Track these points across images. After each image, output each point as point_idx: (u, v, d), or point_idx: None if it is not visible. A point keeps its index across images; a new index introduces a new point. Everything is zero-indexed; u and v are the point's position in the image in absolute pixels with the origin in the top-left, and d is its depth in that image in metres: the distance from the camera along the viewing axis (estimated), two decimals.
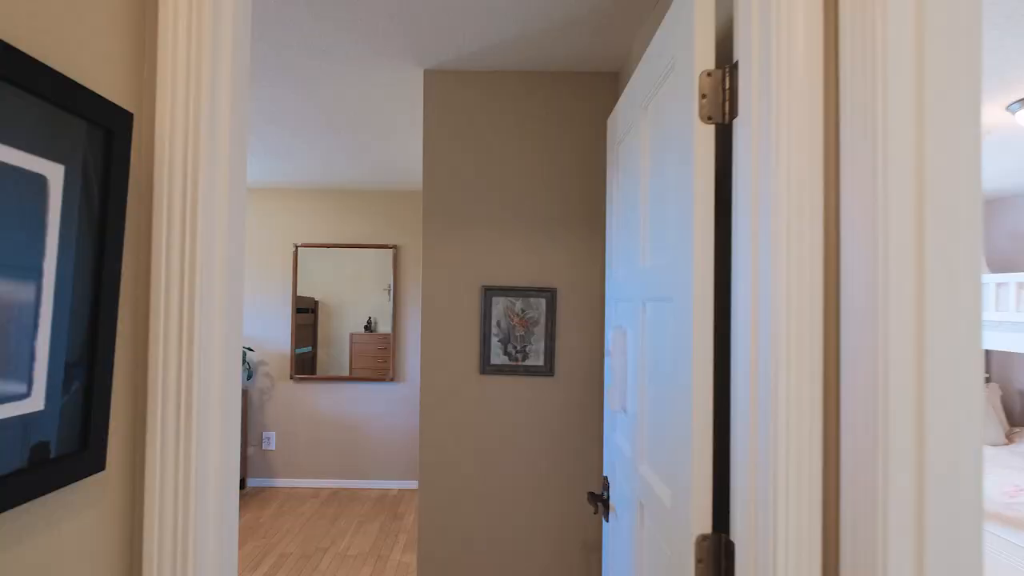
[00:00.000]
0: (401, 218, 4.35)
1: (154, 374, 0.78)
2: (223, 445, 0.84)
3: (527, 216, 2.10)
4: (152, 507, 0.77)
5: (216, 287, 0.82)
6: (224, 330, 0.84)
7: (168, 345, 0.78)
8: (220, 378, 0.83)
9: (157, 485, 0.78)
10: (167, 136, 0.79)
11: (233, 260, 0.86)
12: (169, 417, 0.78)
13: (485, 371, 2.09)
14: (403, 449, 4.32)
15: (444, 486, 2.09)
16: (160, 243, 0.78)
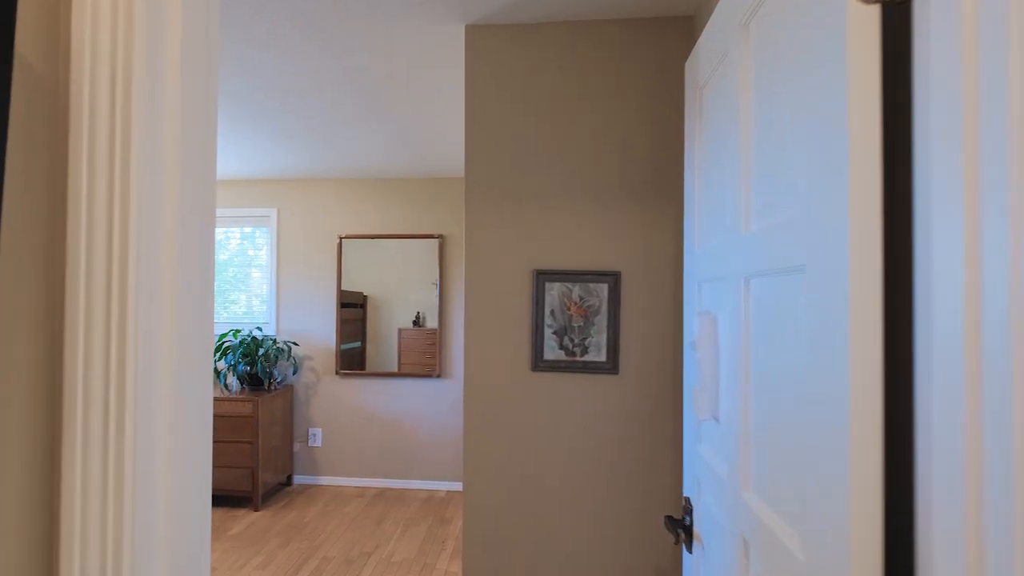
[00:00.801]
0: (446, 206, 4.14)
1: (71, 376, 0.55)
2: (177, 467, 0.60)
3: (584, 188, 1.81)
4: (70, 550, 0.55)
5: (163, 259, 0.59)
6: (179, 317, 0.60)
7: (91, 337, 0.55)
8: (169, 381, 0.59)
9: (76, 529, 0.55)
10: (87, 38, 0.56)
11: (192, 220, 0.63)
12: (93, 434, 0.55)
13: (537, 367, 1.82)
14: (451, 449, 4.12)
15: (491, 495, 1.84)
16: (78, 195, 0.55)
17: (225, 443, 3.71)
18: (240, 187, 4.30)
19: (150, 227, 0.57)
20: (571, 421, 1.81)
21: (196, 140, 0.64)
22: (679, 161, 1.78)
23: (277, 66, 2.18)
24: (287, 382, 4.24)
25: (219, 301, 4.30)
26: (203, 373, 0.65)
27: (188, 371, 0.62)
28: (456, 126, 2.96)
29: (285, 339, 4.25)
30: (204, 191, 0.65)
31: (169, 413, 0.59)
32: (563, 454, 1.81)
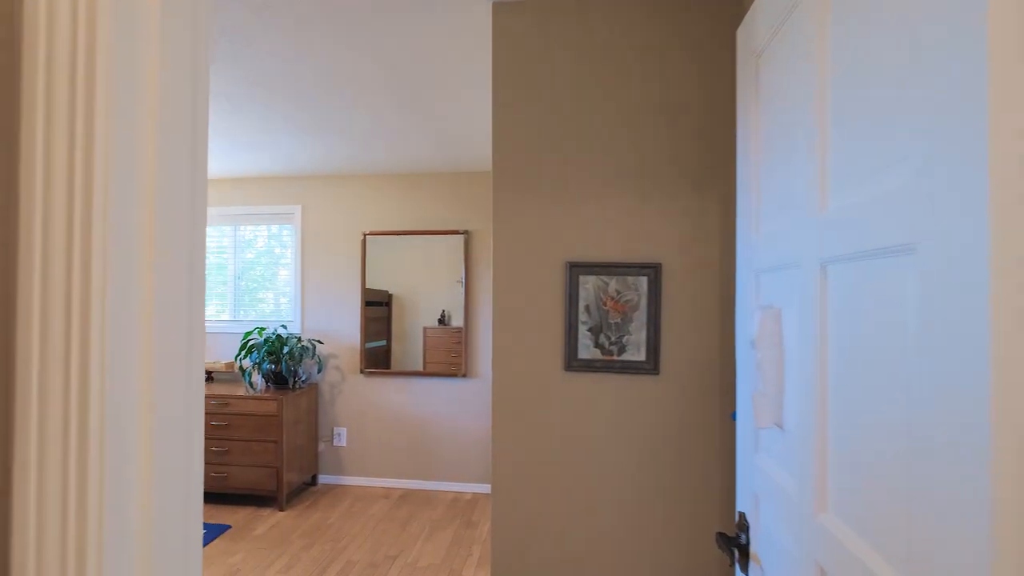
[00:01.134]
0: (471, 202, 4.03)
1: (25, 387, 0.45)
2: (157, 478, 0.50)
3: (621, 174, 1.68)
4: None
5: (135, 250, 0.48)
6: (158, 312, 0.50)
7: (47, 339, 0.45)
8: (142, 394, 0.49)
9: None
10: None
11: (175, 204, 0.52)
12: (50, 459, 0.45)
13: (571, 367, 1.69)
14: (477, 450, 4.02)
15: (521, 503, 1.72)
16: (32, 161, 0.45)
17: (250, 442, 3.68)
18: (264, 184, 4.27)
19: (119, 213, 0.47)
20: (608, 425, 1.68)
21: (179, 115, 0.53)
22: (728, 141, 1.63)
23: (299, 56, 2.10)
24: (312, 380, 4.20)
25: (247, 300, 4.28)
26: (190, 374, 0.55)
27: (170, 371, 0.52)
28: (482, 117, 2.85)
29: (310, 337, 4.20)
30: (190, 170, 0.55)
31: (145, 418, 0.49)
32: (599, 460, 1.69)
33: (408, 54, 2.12)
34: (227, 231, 4.35)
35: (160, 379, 0.50)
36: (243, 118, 2.86)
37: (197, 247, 0.56)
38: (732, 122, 1.63)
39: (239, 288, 4.32)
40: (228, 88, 2.44)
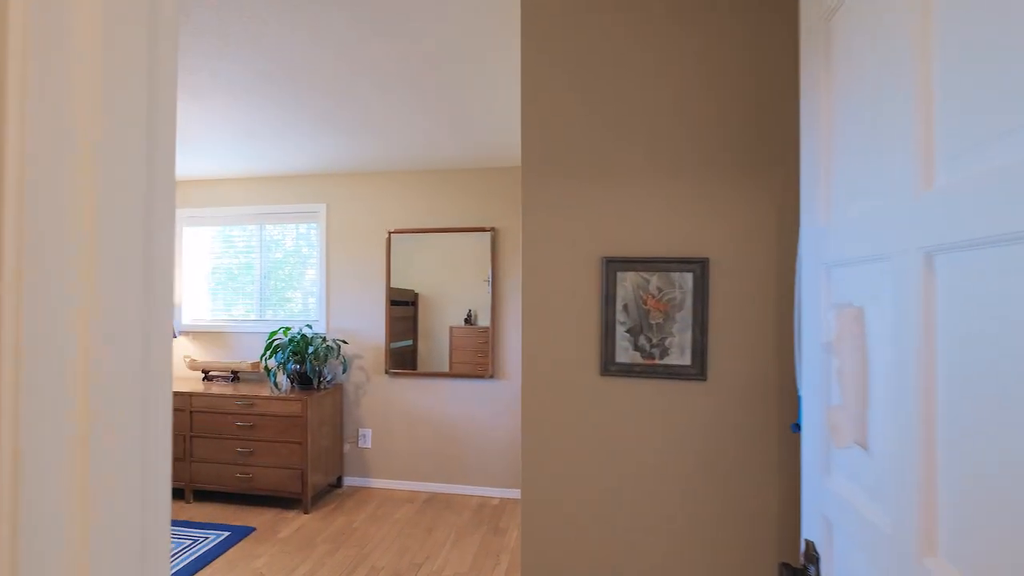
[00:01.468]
0: (498, 198, 3.91)
1: None
2: (98, 501, 0.39)
3: (663, 161, 1.53)
4: None
5: (65, 240, 0.37)
6: (103, 308, 0.39)
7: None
8: (87, 391, 0.38)
9: None
10: None
11: (126, 199, 0.41)
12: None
13: (608, 371, 1.55)
14: (505, 454, 3.90)
15: (553, 516, 1.59)
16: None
17: (275, 443, 3.63)
18: (289, 182, 4.23)
19: (37, 211, 0.36)
20: (649, 435, 1.54)
21: (131, 85, 0.42)
22: (786, 121, 1.47)
23: (319, 49, 2.01)
24: (337, 381, 4.14)
25: (274, 300, 4.25)
26: (149, 405, 0.43)
27: (122, 377, 0.41)
28: (510, 109, 2.72)
29: (335, 337, 4.15)
30: (145, 165, 0.44)
31: (77, 457, 0.38)
32: (639, 472, 1.54)
33: (432, 45, 2.01)
34: (253, 230, 4.32)
35: (102, 409, 0.39)
36: (263, 112, 2.79)
37: (160, 253, 0.45)
38: (791, 98, 1.47)
39: (265, 287, 4.29)
40: (246, 77, 2.37)
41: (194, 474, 3.75)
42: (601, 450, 1.57)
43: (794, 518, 1.46)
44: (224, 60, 2.17)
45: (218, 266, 4.38)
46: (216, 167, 3.95)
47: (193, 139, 3.24)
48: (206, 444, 3.73)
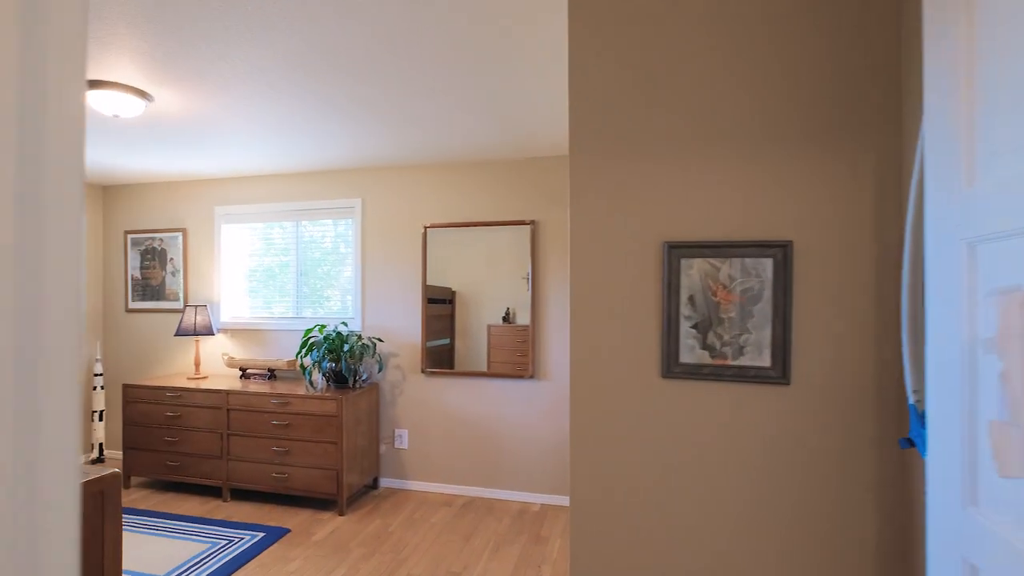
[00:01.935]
0: (539, 189, 3.73)
1: None
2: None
3: (734, 133, 1.33)
4: None
5: None
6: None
7: None
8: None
9: None
10: None
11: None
12: None
13: (671, 373, 1.36)
14: (546, 458, 3.71)
15: (606, 530, 1.40)
16: None
17: (310, 442, 3.55)
18: (324, 178, 4.16)
19: None
20: (718, 446, 1.33)
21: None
22: (882, 80, 1.24)
23: (348, 27, 1.88)
24: (372, 380, 4.04)
25: (313, 298, 4.19)
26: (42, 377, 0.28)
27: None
28: (552, 91, 2.54)
29: (370, 335, 4.05)
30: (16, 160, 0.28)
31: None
32: (708, 489, 1.34)
33: (469, 15, 1.85)
34: (289, 227, 4.27)
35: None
36: (294, 101, 2.69)
37: (48, 244, 0.30)
38: (887, 51, 1.24)
39: (301, 284, 4.23)
40: (275, 64, 2.27)
41: (231, 472, 3.71)
42: (662, 461, 1.37)
43: (900, 554, 1.23)
44: (252, 46, 2.07)
45: (255, 264, 4.35)
46: (251, 163, 3.91)
47: (227, 133, 3.19)
48: (243, 442, 3.68)
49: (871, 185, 1.25)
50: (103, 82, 2.45)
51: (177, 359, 4.52)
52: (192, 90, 2.53)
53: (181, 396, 3.81)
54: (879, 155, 1.24)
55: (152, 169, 4.09)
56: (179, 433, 3.81)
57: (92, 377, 4.57)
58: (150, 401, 3.88)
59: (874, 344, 1.24)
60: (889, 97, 1.24)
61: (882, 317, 1.24)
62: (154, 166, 3.99)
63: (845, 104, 1.26)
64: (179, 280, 4.51)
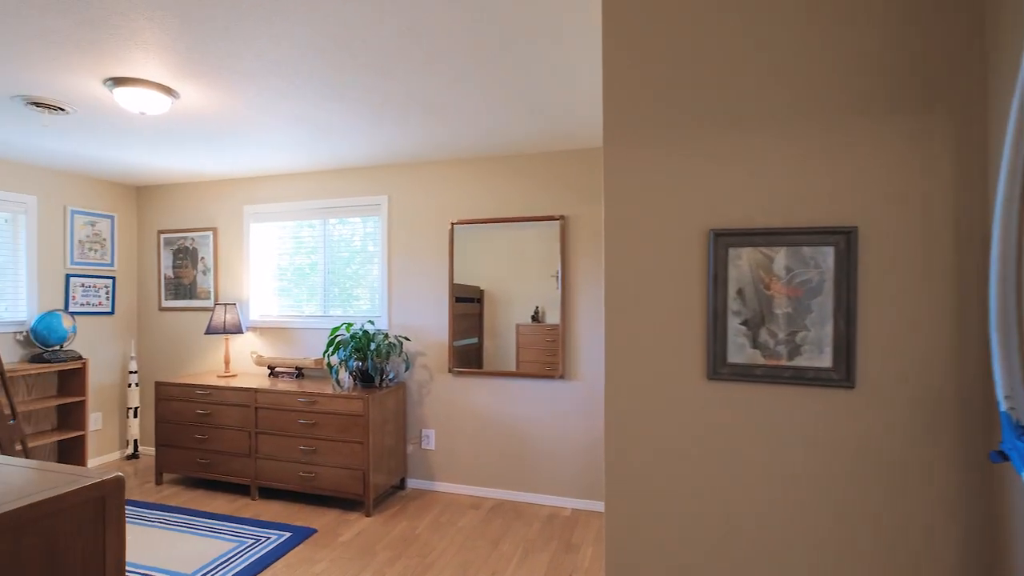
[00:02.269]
0: (568, 183, 3.61)
1: None
2: None
3: (789, 106, 1.19)
4: None
5: None
6: None
7: None
8: None
9: None
10: None
11: None
12: None
13: (718, 374, 1.23)
14: (577, 461, 3.59)
15: (646, 544, 1.28)
16: None
17: (337, 442, 3.51)
18: (350, 175, 4.12)
19: None
20: (772, 456, 1.20)
21: None
22: (969, 28, 1.09)
23: (370, 17, 1.80)
24: (399, 379, 3.98)
25: (342, 296, 4.16)
26: None
27: None
28: (583, 77, 2.42)
29: (397, 334, 3.99)
30: None
31: None
32: (758, 504, 1.21)
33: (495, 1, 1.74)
34: (316, 225, 4.25)
35: None
36: (318, 95, 2.64)
37: None
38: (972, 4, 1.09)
39: (329, 283, 4.21)
40: (292, 57, 2.21)
41: (259, 471, 3.70)
42: (707, 470, 1.24)
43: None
44: (271, 37, 2.01)
45: (283, 262, 4.35)
46: (278, 162, 3.90)
47: (252, 130, 3.16)
48: (271, 441, 3.67)
49: (949, 159, 1.10)
50: (128, 79, 2.43)
51: (208, 357, 4.55)
52: (216, 85, 2.50)
53: (211, 394, 3.82)
54: (959, 122, 1.09)
55: (183, 168, 4.12)
56: (209, 431, 3.82)
57: (127, 375, 4.64)
58: (181, 399, 3.90)
59: (955, 343, 1.09)
60: (971, 49, 1.08)
61: (964, 312, 1.09)
62: (184, 165, 4.02)
63: (917, 64, 1.11)
64: (210, 279, 4.54)
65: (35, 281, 4.05)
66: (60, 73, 2.38)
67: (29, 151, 3.64)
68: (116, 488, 0.91)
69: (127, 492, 3.86)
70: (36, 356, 3.91)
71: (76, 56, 2.22)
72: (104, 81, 2.47)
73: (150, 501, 3.69)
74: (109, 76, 2.42)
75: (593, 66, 2.33)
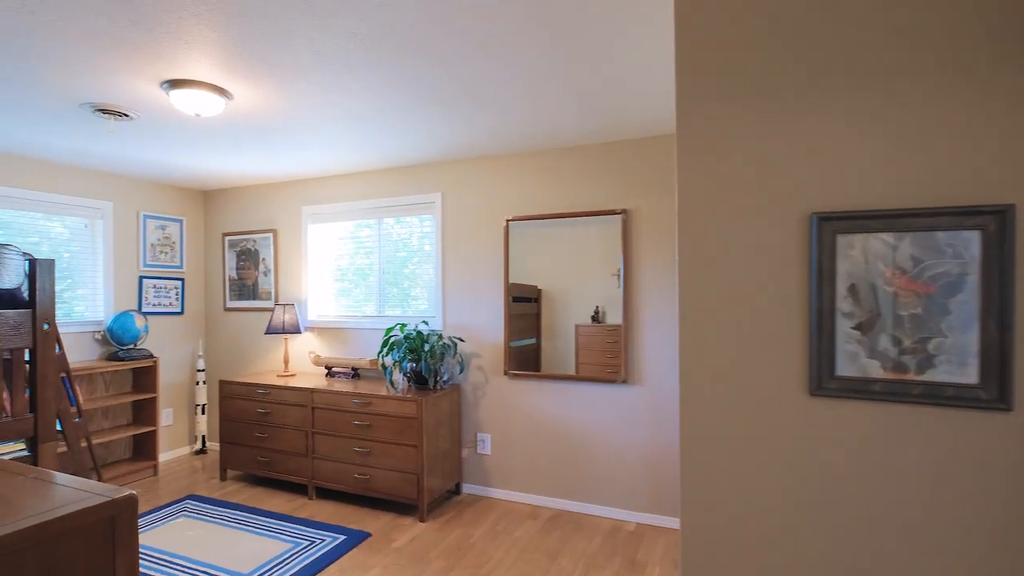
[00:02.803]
0: (629, 175, 3.39)
1: None
2: None
3: (927, 54, 0.95)
4: None
5: None
6: None
7: None
8: None
9: None
10: None
11: None
12: None
13: (823, 389, 1.01)
14: (642, 472, 3.36)
15: (728, 570, 1.08)
16: None
17: (391, 444, 3.44)
18: (403, 173, 4.06)
19: None
20: (895, 498, 0.97)
21: None
22: None
23: (418, 4, 1.68)
24: (454, 381, 3.88)
25: (400, 297, 4.10)
26: None
27: None
28: (646, 55, 2.21)
29: (451, 334, 3.89)
30: None
31: None
32: (873, 559, 0.98)
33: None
34: (371, 224, 4.22)
35: None
36: (366, 90, 2.55)
37: None
38: None
39: (384, 282, 4.17)
40: (340, 45, 2.12)
41: (316, 471, 3.69)
42: (805, 507, 1.03)
43: None
44: (319, 31, 1.93)
45: (339, 262, 4.35)
46: (333, 162, 3.88)
47: (305, 129, 3.14)
48: (327, 441, 3.65)
49: None
50: (182, 81, 2.43)
51: (269, 356, 4.62)
52: (265, 83, 2.46)
53: (270, 393, 3.86)
54: None
55: (243, 171, 4.19)
56: (269, 430, 3.86)
57: (195, 372, 4.79)
58: (243, 397, 3.96)
59: None
60: None
61: None
62: (244, 168, 4.08)
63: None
64: (270, 280, 4.61)
65: (111, 283, 4.23)
66: (120, 77, 2.40)
67: (103, 158, 3.79)
68: (128, 507, 0.78)
69: (195, 487, 3.96)
70: (112, 354, 4.08)
71: (133, 59, 2.23)
72: (161, 84, 2.49)
73: (215, 497, 3.76)
74: (165, 79, 2.43)
75: (659, 41, 2.11)
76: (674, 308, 3.28)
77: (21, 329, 1.94)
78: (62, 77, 2.41)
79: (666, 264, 3.30)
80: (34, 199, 3.80)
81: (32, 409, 1.99)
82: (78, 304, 4.08)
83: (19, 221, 3.76)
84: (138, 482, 4.09)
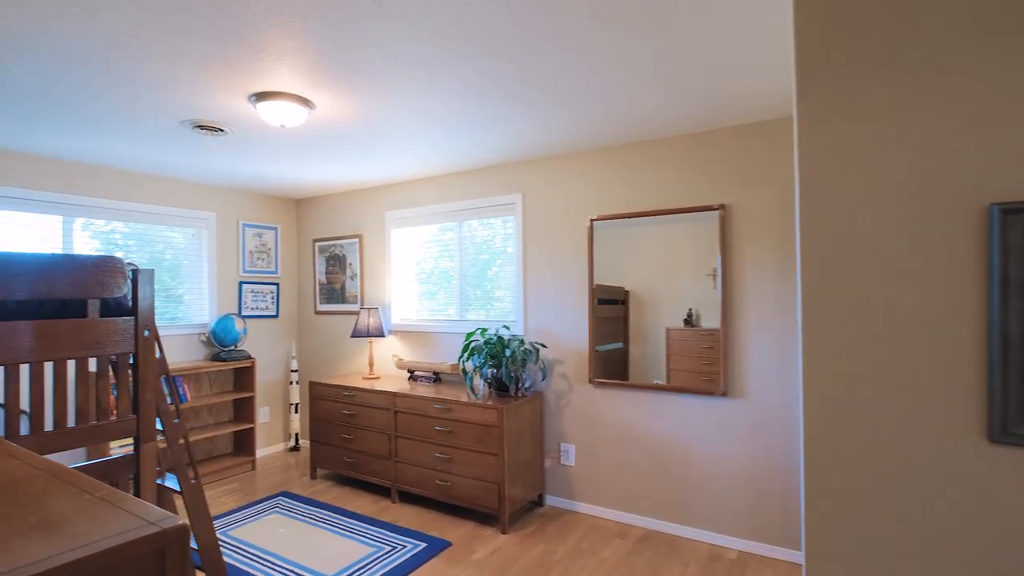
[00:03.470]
0: (727, 167, 3.08)
1: None
2: None
3: None
4: None
5: None
6: None
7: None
8: None
9: None
10: None
11: None
12: None
13: (1010, 436, 0.76)
14: (745, 495, 3.05)
15: None
16: None
17: (471, 452, 3.37)
18: (483, 174, 3.98)
19: None
20: None
21: None
22: None
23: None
24: (536, 388, 3.75)
25: (483, 299, 4.04)
26: None
27: None
28: (749, 23, 1.95)
29: (533, 339, 3.76)
30: None
31: None
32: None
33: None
34: (452, 227, 4.19)
35: None
36: (440, 89, 2.47)
37: None
38: None
39: (465, 285, 4.12)
40: (411, 48, 2.04)
41: (399, 474, 3.70)
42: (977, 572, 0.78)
43: None
44: (393, 35, 1.86)
45: (421, 266, 4.36)
46: (414, 167, 3.88)
47: (386, 135, 3.13)
48: (409, 445, 3.65)
49: None
50: (267, 93, 2.48)
51: (355, 359, 4.73)
52: (344, 91, 2.45)
53: (355, 395, 3.92)
54: None
55: (330, 179, 4.30)
56: (354, 431, 3.93)
57: (289, 373, 5.01)
58: (331, 399, 4.07)
59: None
60: None
61: None
62: (331, 176, 4.19)
63: None
64: (356, 284, 4.72)
65: (215, 288, 4.51)
66: (213, 93, 2.49)
67: (205, 172, 4.03)
68: (179, 538, 0.70)
69: (288, 484, 4.12)
70: (215, 355, 4.34)
71: (222, 76, 2.29)
72: (248, 97, 2.55)
73: (304, 495, 3.88)
74: (252, 92, 2.49)
75: (760, 10, 1.85)
76: (782, 316, 2.94)
77: (126, 335, 2.02)
78: (164, 96, 2.53)
79: (774, 264, 2.96)
80: (153, 212, 4.12)
81: (134, 411, 2.07)
82: (187, 308, 4.38)
83: (148, 232, 4.12)
84: (238, 476, 4.32)
